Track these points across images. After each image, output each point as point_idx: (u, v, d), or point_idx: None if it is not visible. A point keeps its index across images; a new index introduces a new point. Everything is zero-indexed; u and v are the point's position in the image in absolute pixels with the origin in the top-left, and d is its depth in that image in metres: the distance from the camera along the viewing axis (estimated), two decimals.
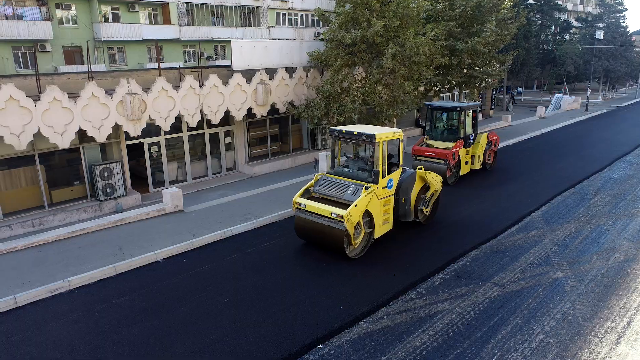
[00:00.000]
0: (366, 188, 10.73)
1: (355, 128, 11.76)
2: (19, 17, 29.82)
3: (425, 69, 20.95)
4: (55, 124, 14.85)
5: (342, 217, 10.18)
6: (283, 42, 22.03)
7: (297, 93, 21.96)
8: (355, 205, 10.32)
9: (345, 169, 12.09)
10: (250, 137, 22.40)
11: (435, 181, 12.90)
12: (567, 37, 57.25)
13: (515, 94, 49.92)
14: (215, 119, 19.24)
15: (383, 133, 11.22)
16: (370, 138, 10.99)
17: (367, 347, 7.84)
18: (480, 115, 37.59)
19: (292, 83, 21.61)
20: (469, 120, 17.72)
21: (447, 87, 26.13)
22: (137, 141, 18.33)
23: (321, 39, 22.81)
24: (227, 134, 21.45)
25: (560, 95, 42.02)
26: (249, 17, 41.28)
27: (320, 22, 27.16)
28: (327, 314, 8.76)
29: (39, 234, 12.57)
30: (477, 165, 18.32)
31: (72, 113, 15.12)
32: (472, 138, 17.94)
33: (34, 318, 8.77)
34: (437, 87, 26.13)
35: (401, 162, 11.98)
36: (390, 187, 11.51)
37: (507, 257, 11.25)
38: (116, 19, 34.14)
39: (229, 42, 23.21)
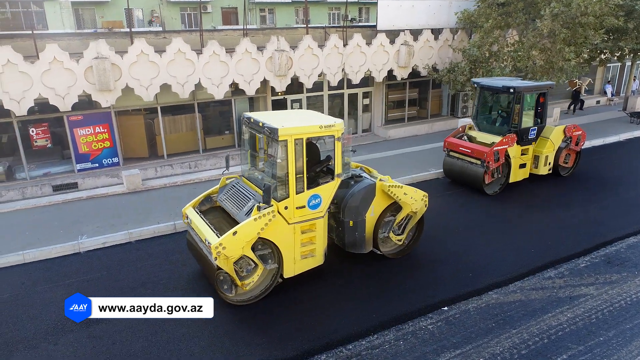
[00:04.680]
0: (259, 208, 7.40)
1: (266, 117, 8.11)
2: None
3: (593, 32, 18.39)
4: (213, 76, 16.30)
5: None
6: (431, 2, 21.10)
7: (441, 56, 21.05)
8: (234, 233, 7.10)
9: (257, 173, 8.76)
10: (388, 99, 22.21)
11: (411, 199, 8.89)
12: None
13: None
14: (356, 79, 19.40)
15: (298, 127, 7.53)
16: (273, 133, 7.36)
17: (496, 317, 7.52)
18: None
19: (436, 45, 20.75)
20: (528, 107, 13.32)
21: (617, 55, 22.83)
22: (281, 97, 19.36)
23: None
24: (366, 95, 21.54)
25: None
26: None
27: None
28: (455, 280, 8.58)
29: (194, 173, 14.17)
30: (543, 170, 13.80)
31: (227, 67, 16.43)
32: (534, 132, 13.44)
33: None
34: (604, 54, 22.96)
35: (339, 170, 8.07)
36: (314, 207, 7.92)
37: None
38: None
39: (373, 4, 22.99)
